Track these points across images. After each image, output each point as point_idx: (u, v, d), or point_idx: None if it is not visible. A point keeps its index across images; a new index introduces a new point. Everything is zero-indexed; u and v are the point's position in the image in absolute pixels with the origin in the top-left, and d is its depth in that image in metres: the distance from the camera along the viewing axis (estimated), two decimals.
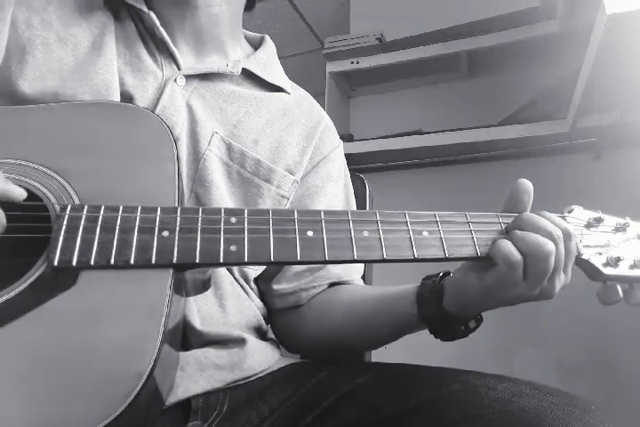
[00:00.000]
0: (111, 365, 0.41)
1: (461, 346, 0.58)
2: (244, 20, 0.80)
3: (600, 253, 0.57)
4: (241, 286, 0.69)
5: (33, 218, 0.47)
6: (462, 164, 1.89)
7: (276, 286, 0.73)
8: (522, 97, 1.86)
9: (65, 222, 0.46)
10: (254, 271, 0.71)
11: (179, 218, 0.47)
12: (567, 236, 0.53)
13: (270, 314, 0.76)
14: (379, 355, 0.84)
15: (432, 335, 0.61)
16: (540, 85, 1.83)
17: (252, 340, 0.66)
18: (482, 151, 1.81)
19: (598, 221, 0.59)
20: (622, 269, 0.57)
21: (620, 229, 0.60)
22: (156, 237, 0.46)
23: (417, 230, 0.52)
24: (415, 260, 0.51)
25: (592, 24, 1.21)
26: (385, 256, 0.50)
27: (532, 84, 1.84)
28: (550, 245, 0.50)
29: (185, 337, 0.61)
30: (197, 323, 0.61)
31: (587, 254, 0.57)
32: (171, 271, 0.45)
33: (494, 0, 1.92)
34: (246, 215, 0.49)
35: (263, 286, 0.74)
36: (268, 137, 0.72)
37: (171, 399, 0.56)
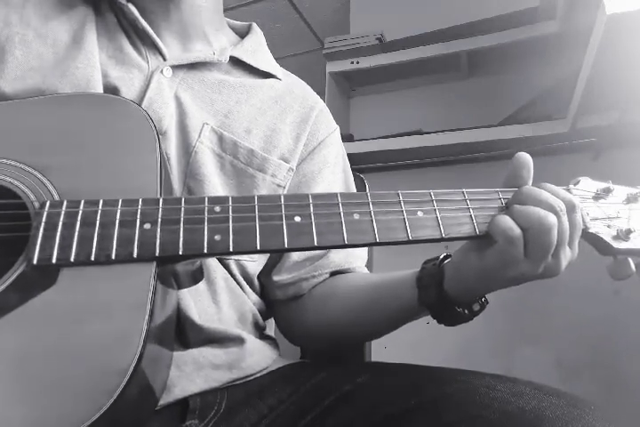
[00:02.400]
0: (95, 361, 0.40)
1: (461, 346, 0.58)
2: (243, 19, 0.80)
3: (609, 226, 0.54)
4: (237, 281, 0.68)
5: (12, 216, 0.46)
6: (462, 164, 1.89)
7: (276, 277, 0.72)
8: (522, 97, 1.86)
9: (44, 219, 0.44)
10: (253, 264, 0.70)
11: (161, 209, 0.46)
12: (571, 208, 0.50)
13: (272, 306, 0.75)
14: (379, 355, 0.84)
15: (432, 335, 0.61)
16: (540, 85, 1.83)
17: (251, 339, 0.66)
18: (482, 151, 1.81)
19: (607, 191, 0.56)
20: (634, 242, 0.53)
21: (631, 199, 0.56)
22: (137, 231, 0.45)
23: (411, 211, 0.50)
24: (410, 241, 0.49)
25: (592, 24, 1.21)
26: (377, 239, 0.48)
27: (531, 84, 1.84)
28: (552, 218, 0.48)
29: (184, 333, 0.61)
30: (196, 317, 0.61)
31: (594, 228, 0.53)
32: (154, 265, 0.44)
33: (494, 0, 1.92)
34: (230, 203, 0.47)
35: (263, 277, 0.73)
36: (261, 126, 0.71)
37: (168, 398, 0.56)
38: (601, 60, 1.26)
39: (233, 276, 0.67)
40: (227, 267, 0.67)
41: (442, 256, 0.59)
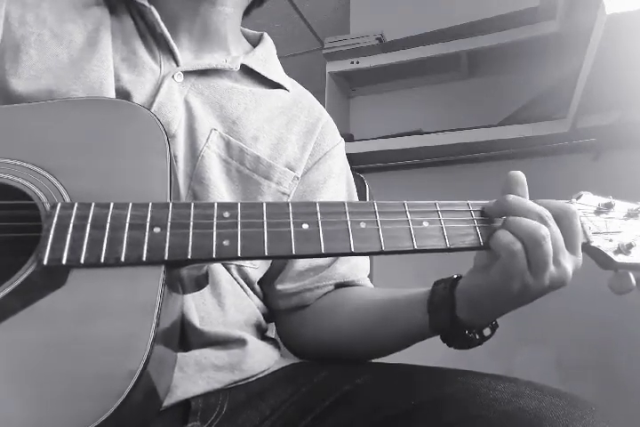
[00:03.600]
0: (102, 364, 0.40)
1: None
2: (244, 19, 0.80)
3: (611, 240, 0.54)
4: (240, 284, 0.68)
5: (23, 217, 0.47)
6: (462, 164, 1.89)
7: (279, 287, 0.72)
8: (522, 97, 1.86)
9: (55, 221, 0.45)
10: (255, 271, 0.70)
11: (170, 214, 0.46)
12: (572, 213, 0.51)
13: (274, 315, 0.75)
14: None
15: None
16: (540, 85, 1.83)
17: (253, 340, 0.66)
18: (482, 151, 1.81)
19: (608, 206, 0.56)
20: (635, 257, 0.54)
21: (632, 214, 0.57)
22: (147, 234, 0.45)
23: (416, 220, 0.50)
24: (415, 251, 0.49)
25: (592, 24, 1.21)
26: (383, 248, 0.48)
27: (531, 84, 1.84)
28: (544, 230, 0.48)
29: (185, 336, 0.61)
30: (197, 322, 0.61)
31: (596, 242, 0.54)
32: (162, 268, 0.44)
33: (494, 0, 1.93)
34: (239, 209, 0.48)
35: (266, 287, 0.73)
36: (268, 134, 0.71)
37: (170, 400, 0.56)
38: (601, 60, 1.27)
39: (236, 280, 0.67)
40: (228, 271, 0.67)
41: (454, 277, 0.58)
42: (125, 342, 0.41)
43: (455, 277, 0.58)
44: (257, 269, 0.70)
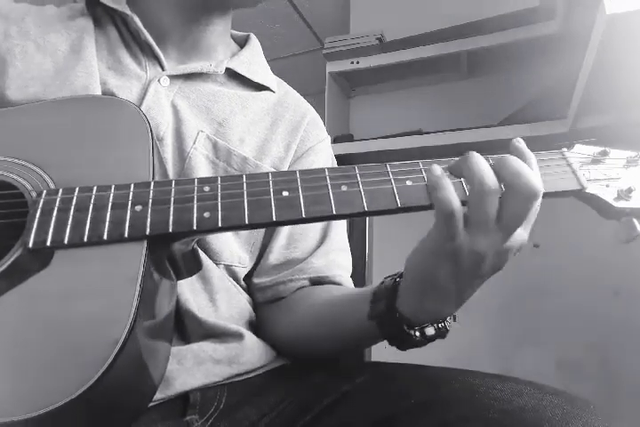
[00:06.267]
0: (87, 335, 0.41)
1: (461, 346, 0.58)
2: (243, 19, 0.80)
3: (608, 186, 0.52)
4: (230, 281, 0.69)
5: (11, 205, 0.49)
6: None
7: (256, 280, 0.73)
8: (522, 97, 1.86)
9: (40, 206, 0.47)
10: (244, 270, 0.71)
11: (152, 191, 0.48)
12: (525, 193, 0.46)
13: (255, 309, 0.75)
14: (379, 355, 0.85)
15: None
16: (540, 85, 1.83)
17: (250, 335, 0.67)
18: (482, 151, 1.81)
19: (604, 154, 0.55)
20: (637, 201, 0.52)
21: (631, 162, 0.54)
22: (129, 212, 0.46)
23: (400, 180, 0.50)
24: (399, 209, 0.48)
25: (592, 24, 1.21)
26: (366, 208, 0.48)
27: (531, 84, 1.84)
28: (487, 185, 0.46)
29: (184, 327, 0.61)
30: (196, 311, 0.62)
31: (592, 189, 0.52)
32: (144, 243, 0.45)
33: (494, 0, 1.93)
34: (219, 182, 0.49)
35: (247, 280, 0.74)
36: (253, 136, 0.72)
37: (169, 393, 0.57)
38: (601, 60, 1.26)
39: (226, 277, 0.68)
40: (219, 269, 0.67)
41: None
42: (109, 313, 0.42)
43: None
44: (245, 267, 0.71)
